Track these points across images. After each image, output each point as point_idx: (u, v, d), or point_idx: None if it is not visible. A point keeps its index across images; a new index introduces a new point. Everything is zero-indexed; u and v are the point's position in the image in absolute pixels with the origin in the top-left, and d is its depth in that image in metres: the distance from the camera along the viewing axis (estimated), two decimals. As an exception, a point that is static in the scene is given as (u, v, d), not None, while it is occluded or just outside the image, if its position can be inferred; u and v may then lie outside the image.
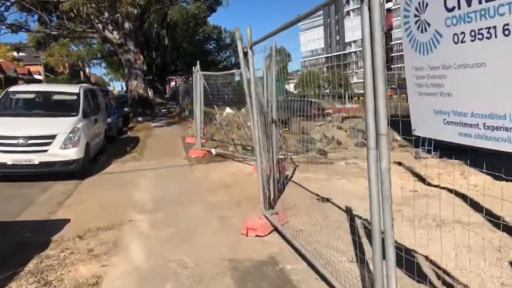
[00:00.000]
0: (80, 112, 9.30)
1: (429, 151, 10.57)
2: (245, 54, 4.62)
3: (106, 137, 12.56)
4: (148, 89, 33.57)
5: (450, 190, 5.54)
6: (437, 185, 6.30)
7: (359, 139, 13.33)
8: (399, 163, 8.68)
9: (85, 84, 14.72)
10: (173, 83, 57.89)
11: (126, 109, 21.21)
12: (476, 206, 4.69)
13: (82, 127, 8.86)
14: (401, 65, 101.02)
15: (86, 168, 8.76)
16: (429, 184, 6.61)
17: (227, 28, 55.91)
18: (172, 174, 8.41)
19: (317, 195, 6.05)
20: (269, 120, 5.14)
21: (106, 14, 22.57)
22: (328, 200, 5.73)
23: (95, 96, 11.58)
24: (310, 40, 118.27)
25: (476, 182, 6.16)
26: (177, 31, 46.92)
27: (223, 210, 5.86)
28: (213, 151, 9.70)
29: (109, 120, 14.11)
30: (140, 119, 22.37)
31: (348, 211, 5.07)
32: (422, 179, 6.99)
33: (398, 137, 13.99)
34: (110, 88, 53.89)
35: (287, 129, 7.87)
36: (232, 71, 13.76)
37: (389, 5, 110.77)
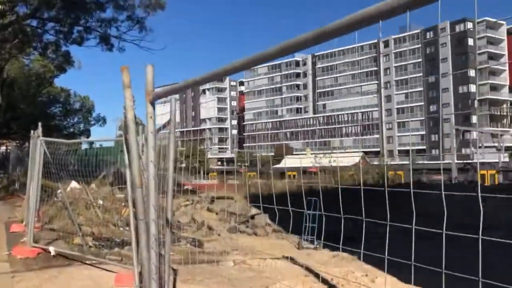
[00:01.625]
0: None
1: (312, 241, 9.65)
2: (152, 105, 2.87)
3: None
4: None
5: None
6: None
7: (232, 223, 11.92)
8: (291, 259, 7.34)
9: None
10: (3, 148, 49.82)
11: None
12: None
13: None
14: (252, 143, 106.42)
15: None
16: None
17: (78, 91, 51.70)
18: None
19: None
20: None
21: None
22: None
23: None
24: (167, 112, 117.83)
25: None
26: (15, 89, 41.28)
27: None
28: (52, 249, 6.71)
29: None
30: None
31: None
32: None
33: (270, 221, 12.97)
34: None
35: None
36: (82, 139, 11.34)
37: (241, 88, 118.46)
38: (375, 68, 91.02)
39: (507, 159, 52.06)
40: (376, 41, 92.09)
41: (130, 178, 3.59)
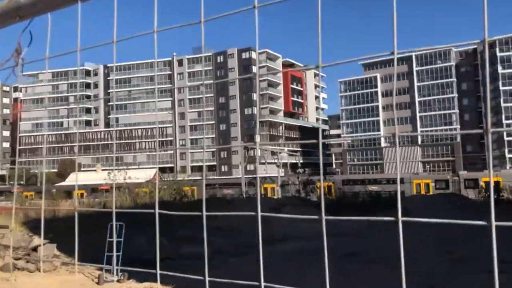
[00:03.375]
0: None
1: (117, 272, 8.20)
2: None
3: None
4: None
5: None
6: None
7: (7, 259, 9.36)
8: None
9: None
10: None
11: None
12: None
13: None
14: (30, 158, 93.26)
15: None
16: None
17: None
18: None
19: None
20: None
21: None
22: None
23: None
24: None
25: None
26: None
27: None
28: None
29: None
30: None
31: None
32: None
33: (58, 252, 10.81)
34: None
35: None
36: None
37: (16, 94, 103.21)
38: (170, 86, 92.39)
39: (282, 174, 58.93)
40: (170, 59, 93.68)
41: None
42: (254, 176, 54.98)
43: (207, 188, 49.90)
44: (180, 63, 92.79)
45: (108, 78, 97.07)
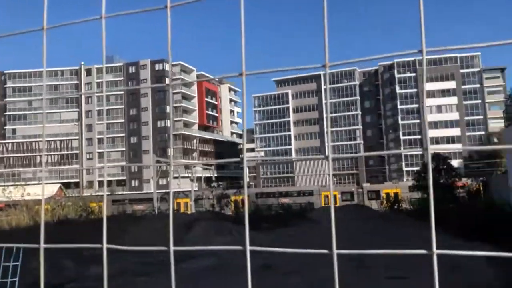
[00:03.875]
0: None
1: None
2: None
3: None
4: None
5: None
6: None
7: None
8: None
9: None
10: None
11: None
12: None
13: None
14: None
15: None
16: None
17: None
18: None
19: None
20: None
21: None
22: None
23: None
24: None
25: None
26: None
27: None
28: None
29: None
30: None
31: None
32: None
33: None
34: None
35: None
36: None
37: None
38: (77, 95, 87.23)
39: (196, 188, 58.27)
40: (78, 68, 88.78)
41: None
42: (167, 191, 53.60)
43: (116, 204, 47.58)
44: (89, 72, 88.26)
45: (5, 86, 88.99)
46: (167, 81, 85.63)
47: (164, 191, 50.95)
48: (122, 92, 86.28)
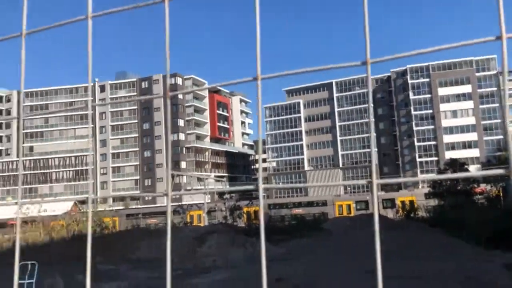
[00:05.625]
0: None
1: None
2: None
3: None
4: None
5: None
6: None
7: None
8: None
9: None
10: None
11: None
12: None
13: None
14: None
15: None
16: None
17: None
18: None
19: None
20: None
21: None
22: None
23: None
24: None
25: None
26: None
27: None
28: None
29: None
30: None
31: None
32: None
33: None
34: None
35: None
36: None
37: None
38: (92, 112, 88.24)
39: (209, 200, 58.27)
40: (92, 84, 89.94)
41: None
42: (180, 204, 53.69)
43: (130, 218, 47.78)
44: (103, 88, 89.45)
45: (23, 104, 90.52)
46: (180, 96, 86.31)
47: (177, 204, 51.02)
48: (136, 107, 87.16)
